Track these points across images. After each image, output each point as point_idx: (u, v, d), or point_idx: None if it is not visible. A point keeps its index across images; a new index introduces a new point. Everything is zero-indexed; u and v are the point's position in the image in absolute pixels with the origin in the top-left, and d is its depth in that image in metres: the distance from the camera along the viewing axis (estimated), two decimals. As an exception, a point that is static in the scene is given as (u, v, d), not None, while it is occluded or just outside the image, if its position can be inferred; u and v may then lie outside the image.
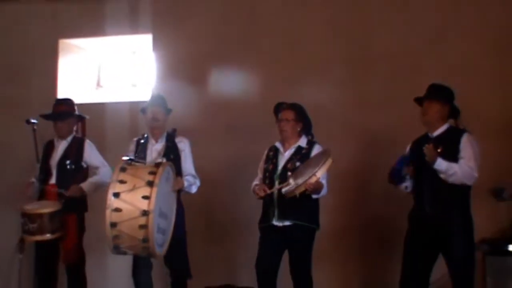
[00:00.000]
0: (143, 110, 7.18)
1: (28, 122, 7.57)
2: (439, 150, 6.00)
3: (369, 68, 7.97)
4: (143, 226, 6.01)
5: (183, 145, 7.01)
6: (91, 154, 7.42)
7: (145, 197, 6.04)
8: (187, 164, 6.98)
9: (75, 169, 7.32)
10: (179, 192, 6.87)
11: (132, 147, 7.01)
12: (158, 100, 7.18)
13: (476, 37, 7.63)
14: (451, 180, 5.98)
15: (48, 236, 6.95)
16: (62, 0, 8.96)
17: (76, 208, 7.19)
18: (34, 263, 7.50)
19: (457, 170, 5.96)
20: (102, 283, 8.04)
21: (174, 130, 7.08)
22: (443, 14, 7.77)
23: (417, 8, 7.87)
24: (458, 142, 6.08)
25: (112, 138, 8.27)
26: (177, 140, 7.03)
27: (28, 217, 6.93)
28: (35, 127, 7.53)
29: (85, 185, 7.23)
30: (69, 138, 7.44)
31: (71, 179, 7.26)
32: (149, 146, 7.04)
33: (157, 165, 6.43)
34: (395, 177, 6.33)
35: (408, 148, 6.46)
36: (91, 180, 7.30)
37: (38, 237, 6.98)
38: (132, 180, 6.17)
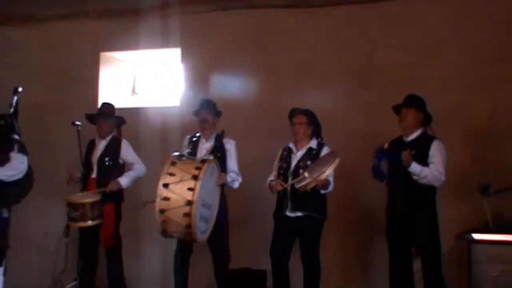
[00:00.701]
0: (196, 113, 7.30)
1: (73, 124, 7.74)
2: (413, 153, 6.09)
3: (370, 79, 7.99)
4: (187, 214, 6.16)
5: (229, 146, 7.13)
6: (127, 152, 7.48)
7: (190, 189, 6.17)
8: (232, 162, 7.09)
9: (113, 165, 7.41)
10: (223, 186, 6.97)
11: (185, 143, 7.13)
12: (208, 104, 7.29)
13: (467, 52, 7.64)
14: (422, 181, 6.12)
15: (89, 223, 7.10)
16: (102, 18, 8.99)
17: (113, 199, 7.28)
18: (78, 246, 7.61)
19: (428, 173, 6.10)
20: (136, 264, 8.04)
21: (223, 132, 7.15)
22: (437, 31, 7.77)
23: (414, 26, 7.87)
24: (428, 147, 6.20)
25: (145, 138, 8.22)
26: (224, 140, 7.12)
27: (72, 206, 7.09)
28: (79, 128, 7.70)
29: (122, 180, 7.31)
30: (108, 138, 7.52)
31: (109, 173, 7.36)
32: (200, 144, 7.16)
33: (203, 161, 6.54)
34: (377, 172, 6.49)
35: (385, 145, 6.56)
36: (127, 174, 7.38)
37: (81, 224, 7.14)
38: (180, 173, 6.31)
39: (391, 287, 6.42)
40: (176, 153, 6.64)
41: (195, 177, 6.23)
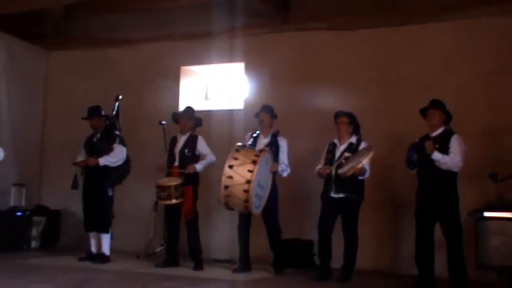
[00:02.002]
0: (256, 115, 7.35)
1: (160, 123, 8.00)
2: (436, 146, 6.10)
3: (394, 87, 7.91)
4: (246, 191, 6.34)
5: (282, 143, 7.16)
6: (202, 146, 7.52)
7: (249, 171, 6.37)
8: (283, 156, 7.12)
9: (191, 156, 7.47)
10: (275, 173, 7.04)
11: (247, 137, 7.16)
12: (267, 108, 7.32)
13: (473, 64, 7.55)
14: (443, 167, 6.10)
15: (173, 201, 7.23)
16: (182, 40, 9.02)
17: (192, 182, 7.36)
18: (164, 219, 7.74)
19: (447, 160, 6.09)
20: (208, 233, 8.03)
21: (278, 131, 7.24)
22: (448, 48, 7.68)
23: (429, 44, 7.79)
24: (449, 141, 6.18)
25: (215, 135, 8.16)
26: (278, 138, 7.18)
27: (160, 188, 7.24)
28: (164, 127, 7.95)
29: (197, 165, 7.39)
30: (188, 134, 7.56)
31: (188, 162, 7.40)
32: (259, 140, 7.20)
33: (261, 151, 6.75)
34: (410, 162, 6.43)
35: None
36: (201, 162, 7.44)
37: (167, 202, 7.27)
38: (242, 158, 6.50)
39: (416, 255, 6.38)
40: (240, 144, 6.79)
41: (254, 162, 6.43)
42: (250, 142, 7.16)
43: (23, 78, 10.02)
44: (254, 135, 7.24)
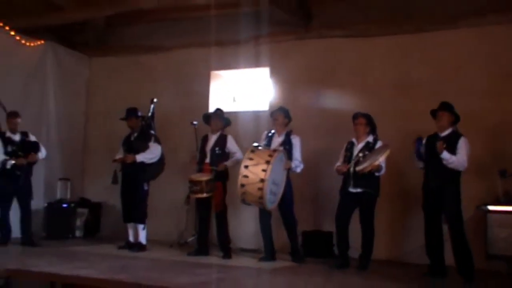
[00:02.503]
0: (271, 115, 7.37)
1: (191, 123, 7.99)
2: (444, 146, 6.08)
3: (409, 90, 7.89)
4: (260, 189, 6.36)
5: (295, 140, 7.13)
6: (231, 144, 7.53)
7: (263, 170, 6.37)
8: (296, 153, 7.08)
9: (221, 153, 7.47)
10: (289, 170, 7.02)
11: (263, 136, 7.14)
12: (281, 109, 7.33)
13: (483, 69, 7.49)
14: (450, 166, 6.11)
15: (204, 195, 7.24)
16: (212, 47, 8.92)
17: (222, 178, 7.39)
18: (195, 211, 7.83)
19: (454, 160, 6.09)
20: (236, 224, 8.03)
21: (291, 131, 7.21)
22: (460, 53, 7.64)
23: (442, 50, 7.74)
24: (457, 142, 6.17)
25: (242, 133, 8.22)
26: (291, 136, 7.15)
27: (193, 182, 7.27)
28: (195, 127, 7.94)
29: (228, 163, 7.42)
30: (218, 133, 7.57)
31: (218, 159, 7.43)
32: (274, 138, 7.17)
33: (274, 150, 6.72)
34: (418, 154, 6.43)
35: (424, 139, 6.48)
36: (231, 159, 7.44)
37: (199, 195, 7.28)
38: (256, 159, 6.49)
39: (426, 246, 6.40)
40: (255, 144, 6.78)
41: (267, 162, 6.42)
42: (265, 141, 7.13)
43: (68, 82, 10.14)
44: (270, 134, 7.22)
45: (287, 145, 7.11)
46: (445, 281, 6.18)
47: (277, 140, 7.16)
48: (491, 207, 6.79)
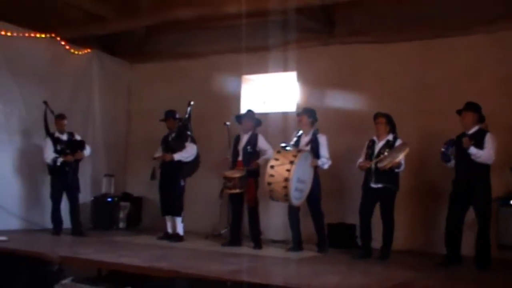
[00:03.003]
0: (297, 115, 7.37)
1: (224, 124, 8.05)
2: (472, 142, 6.06)
3: (427, 92, 7.85)
4: (285, 187, 6.35)
5: (321, 139, 7.08)
6: (262, 143, 7.50)
7: (287, 170, 6.35)
8: (323, 151, 7.02)
9: (252, 152, 7.48)
10: (316, 167, 6.99)
11: (293, 136, 7.06)
12: (304, 111, 7.31)
13: (497, 71, 7.46)
14: (478, 160, 6.07)
15: (237, 190, 7.28)
16: (243, 53, 8.88)
17: (254, 174, 7.39)
18: (229, 206, 7.84)
19: (482, 154, 6.05)
20: (266, 217, 8.03)
21: (317, 129, 7.18)
22: (475, 57, 7.61)
23: (458, 53, 7.71)
24: (483, 138, 6.14)
25: (272, 133, 8.09)
26: (318, 135, 7.12)
27: (226, 179, 7.31)
28: (228, 127, 8.00)
29: (259, 161, 7.43)
30: (249, 133, 7.54)
31: (250, 157, 7.45)
32: (302, 138, 7.12)
33: (299, 151, 6.68)
34: (445, 157, 6.40)
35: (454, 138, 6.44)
36: (263, 157, 7.41)
37: (232, 191, 7.32)
38: (282, 159, 6.48)
39: (445, 235, 6.39)
40: (283, 144, 6.71)
41: (291, 162, 6.39)
42: (294, 140, 7.02)
43: (111, 86, 10.30)
44: (298, 134, 7.13)
45: (314, 143, 7.09)
46: (460, 269, 6.17)
47: (305, 139, 7.14)
48: (503, 201, 6.82)
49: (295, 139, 7.03)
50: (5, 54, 8.55)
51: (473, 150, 6.08)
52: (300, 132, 7.13)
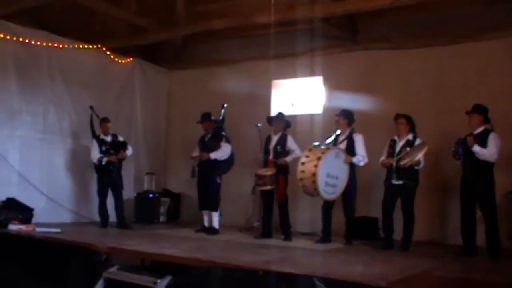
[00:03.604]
0: (336, 115, 7.29)
1: (256, 125, 7.97)
2: (476, 141, 6.06)
3: (441, 94, 7.85)
4: (314, 182, 6.41)
5: (357, 138, 7.07)
6: (291, 143, 7.49)
7: (315, 166, 6.40)
8: (358, 148, 7.01)
9: (282, 151, 7.45)
10: (352, 164, 6.96)
11: (332, 135, 7.07)
12: (341, 112, 7.26)
13: (505, 75, 7.42)
14: (481, 158, 6.08)
15: (268, 187, 7.31)
16: (273, 59, 8.92)
17: (283, 172, 7.39)
18: (260, 201, 7.80)
19: (485, 152, 6.06)
20: (295, 211, 8.07)
21: (353, 129, 7.18)
22: (486, 60, 7.56)
23: (470, 57, 7.67)
24: (487, 137, 6.13)
25: (300, 134, 8.08)
26: (354, 134, 7.11)
27: (258, 176, 7.35)
28: (259, 128, 7.92)
29: (287, 158, 7.39)
30: (279, 134, 7.53)
31: (280, 156, 7.42)
32: (340, 137, 7.12)
33: (328, 148, 6.69)
34: (456, 153, 6.39)
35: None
36: (291, 156, 7.38)
37: (263, 187, 7.35)
38: (311, 156, 6.53)
39: (461, 229, 6.38)
40: (315, 143, 6.74)
41: (318, 158, 6.43)
42: (332, 139, 7.03)
43: (152, 92, 10.44)
44: (336, 133, 7.14)
45: (349, 142, 7.08)
46: (475, 258, 6.15)
47: (341, 138, 7.15)
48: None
49: (333, 137, 7.05)
50: (59, 64, 8.84)
51: (476, 148, 6.09)
52: (338, 131, 7.14)
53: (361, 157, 7.04)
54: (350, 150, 7.01)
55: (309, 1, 8.05)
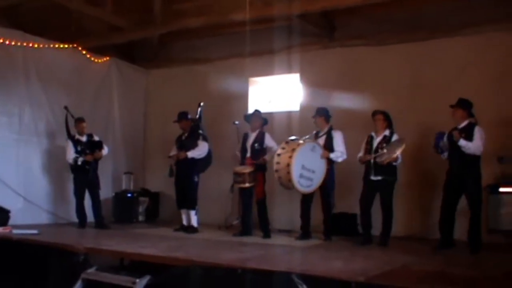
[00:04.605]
0: (313, 117, 7.28)
1: (233, 123, 8.00)
2: (463, 135, 6.06)
3: (420, 90, 7.85)
4: (288, 173, 6.43)
5: (335, 134, 7.10)
6: (269, 140, 7.46)
7: (290, 157, 6.43)
8: (337, 145, 7.03)
9: (260, 148, 7.43)
10: (330, 160, 6.94)
11: (312, 134, 7.10)
12: (317, 112, 7.25)
13: (487, 69, 7.43)
14: (467, 152, 6.08)
15: (247, 185, 7.28)
16: (250, 57, 8.91)
17: (262, 169, 7.37)
18: (239, 199, 7.82)
19: (471, 146, 6.06)
20: (274, 208, 8.06)
21: (331, 126, 7.17)
22: (464, 57, 7.60)
23: (449, 54, 7.67)
24: (472, 131, 6.13)
25: (277, 131, 8.07)
26: (333, 131, 7.12)
27: (237, 174, 7.31)
28: (237, 126, 7.95)
29: (266, 157, 7.35)
30: (257, 131, 7.52)
31: (258, 154, 7.39)
32: (319, 134, 7.14)
33: (304, 141, 6.71)
34: (437, 147, 6.40)
35: (445, 135, 6.42)
36: (269, 153, 7.31)
37: (242, 185, 7.32)
38: (287, 148, 6.60)
39: (440, 222, 6.39)
40: (292, 137, 6.74)
41: (293, 150, 6.48)
42: (312, 138, 7.04)
43: (129, 91, 10.35)
44: (316, 132, 7.19)
45: (328, 138, 7.09)
46: (454, 252, 6.18)
47: (321, 136, 7.17)
48: (492, 188, 6.82)
49: (313, 134, 7.07)
50: (34, 64, 8.71)
51: (462, 142, 6.10)
52: (317, 131, 7.18)
53: (339, 153, 7.04)
54: (329, 146, 7.00)
55: (286, -2, 8.03)
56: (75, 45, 9.31)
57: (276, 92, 9.88)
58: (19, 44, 8.49)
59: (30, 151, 8.61)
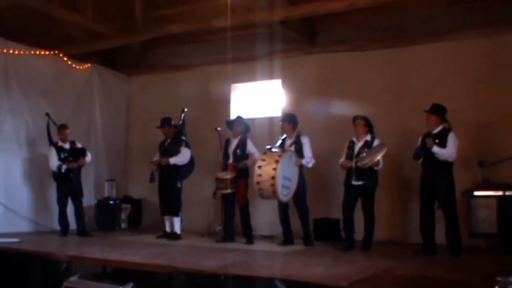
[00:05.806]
0: (280, 121, 7.32)
1: (216, 129, 7.98)
2: (437, 141, 6.13)
3: (401, 96, 7.88)
4: (272, 185, 6.33)
5: (304, 140, 7.08)
6: (250, 146, 7.48)
7: (273, 169, 6.33)
8: (306, 151, 7.02)
9: (242, 154, 7.44)
10: (301, 166, 6.97)
11: (279, 140, 7.00)
12: (285, 118, 7.31)
13: (463, 75, 7.49)
14: (441, 158, 6.13)
15: (229, 190, 7.25)
16: (232, 63, 8.79)
17: (244, 175, 7.35)
18: (222, 205, 7.76)
19: (444, 152, 6.12)
20: (256, 215, 8.01)
21: (300, 132, 7.16)
22: (446, 62, 7.63)
23: (432, 59, 7.71)
24: (446, 136, 6.19)
25: (259, 136, 8.05)
26: (301, 137, 7.10)
27: (219, 180, 7.28)
28: (219, 132, 7.93)
29: (247, 161, 7.36)
30: (239, 137, 7.51)
31: (240, 160, 7.40)
32: (286, 141, 7.13)
33: (283, 151, 6.65)
34: (417, 157, 6.44)
35: (419, 140, 6.48)
36: (251, 159, 7.32)
37: (224, 191, 7.29)
38: (268, 159, 6.46)
39: (420, 227, 6.43)
40: (268, 146, 6.69)
41: (276, 161, 6.38)
42: (279, 143, 6.97)
43: (111, 97, 10.27)
44: (282, 138, 7.11)
45: (297, 145, 7.08)
46: (436, 256, 6.20)
47: (289, 142, 7.13)
48: (471, 193, 6.87)
49: (280, 142, 7.01)
50: (15, 71, 8.60)
51: (436, 149, 6.16)
52: (284, 136, 7.13)
53: (309, 159, 7.06)
54: (299, 153, 7.01)
55: (267, 5, 8.02)
56: (56, 52, 9.21)
57: (258, 98, 9.87)
58: (-1, 50, 8.39)
59: (11, 159, 8.48)
